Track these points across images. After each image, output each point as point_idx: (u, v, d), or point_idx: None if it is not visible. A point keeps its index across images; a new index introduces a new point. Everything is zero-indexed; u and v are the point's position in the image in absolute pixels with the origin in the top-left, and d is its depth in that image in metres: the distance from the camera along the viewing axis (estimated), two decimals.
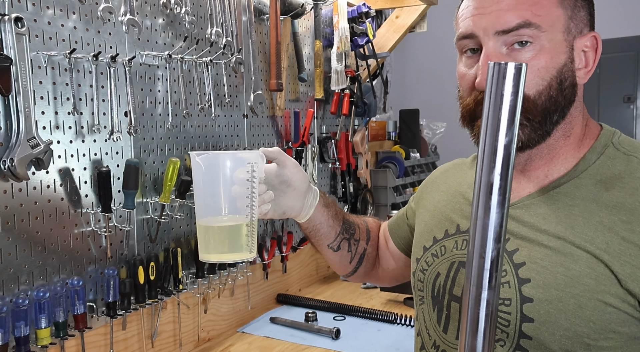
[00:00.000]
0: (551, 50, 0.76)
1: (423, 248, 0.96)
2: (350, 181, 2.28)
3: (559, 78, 0.77)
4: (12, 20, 1.04)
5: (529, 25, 0.75)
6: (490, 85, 0.51)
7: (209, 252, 0.95)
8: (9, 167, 1.05)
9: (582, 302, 0.72)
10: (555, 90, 0.77)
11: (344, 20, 2.06)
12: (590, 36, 0.81)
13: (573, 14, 0.79)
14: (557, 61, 0.77)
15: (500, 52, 0.77)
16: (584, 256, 0.74)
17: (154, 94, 1.42)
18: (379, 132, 2.67)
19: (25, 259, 1.13)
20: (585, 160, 0.81)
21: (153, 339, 1.42)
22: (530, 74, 0.76)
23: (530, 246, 0.78)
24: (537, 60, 0.76)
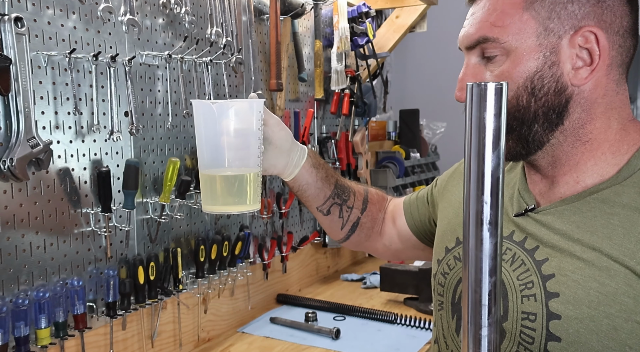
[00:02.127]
0: (516, 59, 0.74)
1: (445, 249, 0.91)
2: (350, 180, 2.28)
3: (530, 86, 0.74)
4: (12, 20, 1.04)
5: (486, 40, 0.76)
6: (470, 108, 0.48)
7: (214, 204, 0.90)
8: (9, 167, 1.05)
9: (617, 324, 0.66)
10: (524, 100, 0.74)
11: (344, 20, 2.06)
12: (584, 31, 0.73)
13: (552, 14, 0.73)
14: (524, 70, 0.74)
15: (478, 63, 0.78)
16: (622, 271, 0.67)
17: (154, 94, 1.42)
18: (379, 132, 2.67)
19: (25, 259, 1.13)
20: (630, 166, 0.74)
21: (153, 339, 1.42)
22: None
23: (561, 256, 0.72)
24: (502, 71, 0.76)
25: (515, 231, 0.80)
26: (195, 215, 1.56)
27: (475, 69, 0.78)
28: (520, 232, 0.79)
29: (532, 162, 0.81)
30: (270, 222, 1.88)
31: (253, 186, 0.89)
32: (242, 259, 1.67)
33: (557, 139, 0.76)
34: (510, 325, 0.74)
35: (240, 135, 0.87)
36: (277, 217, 1.91)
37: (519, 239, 0.79)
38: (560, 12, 0.73)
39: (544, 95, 0.74)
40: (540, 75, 0.74)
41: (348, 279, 2.17)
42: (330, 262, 2.27)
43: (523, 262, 0.76)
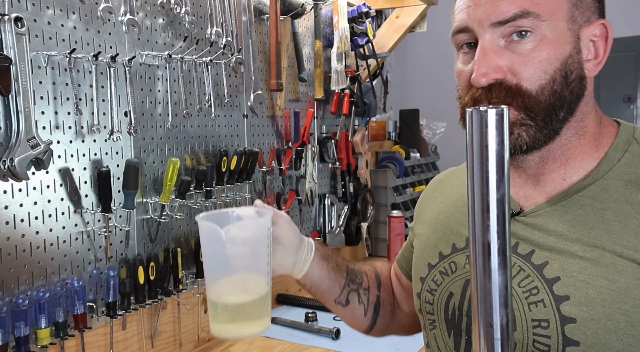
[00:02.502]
0: (554, 41, 0.70)
1: (428, 266, 0.87)
2: (350, 180, 2.28)
3: (564, 71, 0.70)
4: (12, 20, 1.04)
5: (528, 14, 0.69)
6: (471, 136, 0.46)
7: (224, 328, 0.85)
8: (9, 167, 1.05)
9: (634, 320, 0.65)
10: (560, 84, 0.70)
11: (344, 20, 2.06)
12: (598, 24, 0.73)
13: (578, 1, 0.72)
14: (561, 52, 0.70)
15: (497, 44, 0.71)
16: (629, 265, 0.66)
17: (154, 94, 1.42)
18: (379, 132, 2.67)
19: (25, 259, 1.13)
20: (609, 159, 0.73)
21: (153, 339, 1.42)
22: (532, 67, 0.69)
23: (561, 258, 0.70)
24: (539, 52, 0.70)
25: None
26: (195, 215, 1.56)
27: (497, 50, 0.71)
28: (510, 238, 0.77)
29: (520, 162, 0.78)
30: None
31: (265, 305, 0.85)
32: None
33: (562, 130, 0.74)
34: (521, 335, 0.71)
35: (250, 254, 0.82)
36: None
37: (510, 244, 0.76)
38: (583, 1, 0.72)
39: (573, 81, 0.72)
40: (572, 60, 0.71)
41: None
42: None
43: (521, 268, 0.73)
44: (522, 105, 0.70)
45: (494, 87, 0.70)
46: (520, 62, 0.70)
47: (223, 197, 1.62)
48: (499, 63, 0.70)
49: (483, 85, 0.71)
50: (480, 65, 0.70)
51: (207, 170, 1.51)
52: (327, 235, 2.17)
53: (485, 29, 0.71)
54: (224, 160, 1.58)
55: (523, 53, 0.70)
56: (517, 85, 0.70)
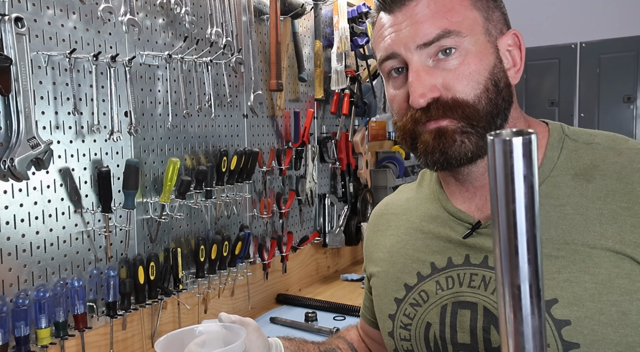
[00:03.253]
0: (478, 53, 0.73)
1: (395, 300, 0.83)
2: (350, 180, 2.28)
3: (493, 80, 0.73)
4: (12, 20, 1.04)
5: (449, 33, 0.72)
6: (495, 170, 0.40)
7: None
8: (9, 167, 1.05)
9: (625, 308, 0.64)
10: (493, 93, 0.73)
11: (344, 20, 2.06)
12: (510, 34, 0.77)
13: (489, 16, 0.75)
14: (486, 63, 0.73)
15: (426, 65, 0.73)
16: (604, 254, 0.66)
17: (154, 94, 1.42)
18: (379, 132, 2.67)
19: (25, 259, 1.13)
20: (548, 158, 0.76)
21: (153, 339, 1.42)
22: (464, 80, 0.72)
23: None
24: (467, 66, 0.72)
25: (470, 254, 0.76)
26: (195, 215, 1.56)
27: (428, 70, 0.73)
28: (476, 253, 0.76)
29: (466, 175, 0.78)
30: (270, 222, 1.88)
31: None
32: (242, 259, 1.68)
33: None
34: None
35: None
36: (277, 217, 1.91)
37: (478, 260, 0.75)
38: (492, 15, 0.76)
39: (503, 89, 0.75)
40: (498, 69, 0.74)
41: (348, 279, 2.17)
42: (330, 262, 2.27)
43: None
44: (462, 116, 0.72)
45: (432, 105, 0.72)
46: (452, 77, 0.72)
47: (223, 197, 1.62)
48: (432, 82, 0.72)
49: (422, 105, 0.72)
50: (416, 87, 0.72)
51: (207, 170, 1.51)
52: (327, 235, 2.17)
53: (412, 51, 0.73)
54: (224, 160, 1.58)
55: (452, 69, 0.72)
56: (453, 99, 0.72)
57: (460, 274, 0.76)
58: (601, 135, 0.77)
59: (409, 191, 0.94)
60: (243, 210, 1.74)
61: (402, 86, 0.76)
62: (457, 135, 0.72)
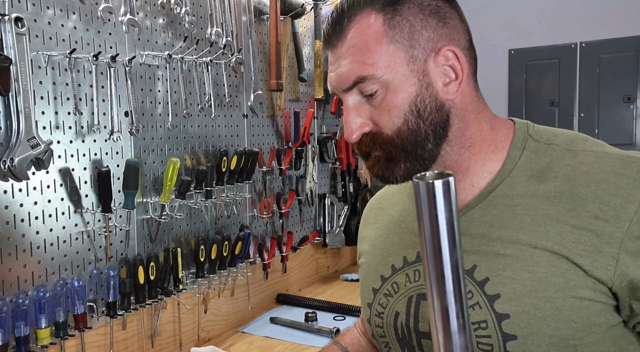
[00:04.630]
0: (397, 88, 0.76)
1: (372, 290, 0.90)
2: (350, 180, 2.28)
3: (415, 110, 0.77)
4: (12, 20, 1.04)
5: (363, 79, 0.76)
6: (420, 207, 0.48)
7: None
8: (9, 167, 1.05)
9: (558, 304, 0.70)
10: (414, 123, 0.77)
11: None
12: (443, 51, 0.77)
13: (412, 43, 0.76)
14: (406, 96, 0.76)
15: (359, 101, 0.78)
16: (543, 254, 0.72)
17: (154, 94, 1.42)
18: None
19: (25, 259, 1.13)
20: (511, 158, 0.80)
21: (153, 339, 1.42)
22: (385, 116, 0.77)
23: (487, 258, 0.75)
24: (386, 103, 0.76)
25: None
26: (195, 215, 1.56)
27: (358, 107, 0.78)
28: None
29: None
30: (270, 222, 1.88)
31: None
32: (242, 259, 1.68)
33: (445, 150, 0.79)
34: None
35: None
36: (277, 217, 1.91)
37: None
38: (419, 38, 0.77)
39: (429, 114, 0.77)
40: (421, 97, 0.77)
41: (348, 279, 2.17)
42: (330, 262, 2.27)
43: None
44: (388, 147, 0.78)
45: (362, 140, 0.79)
46: (376, 114, 0.77)
47: (223, 197, 1.62)
48: (361, 120, 0.78)
49: (354, 141, 0.79)
50: (347, 125, 0.78)
51: (207, 170, 1.51)
52: (327, 235, 2.17)
53: (341, 93, 0.79)
54: (224, 160, 1.58)
55: (377, 106, 0.77)
56: (379, 133, 0.78)
57: (417, 270, 0.83)
58: (562, 136, 0.80)
59: (397, 186, 0.98)
60: (243, 210, 1.74)
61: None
62: (387, 162, 0.79)
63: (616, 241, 0.69)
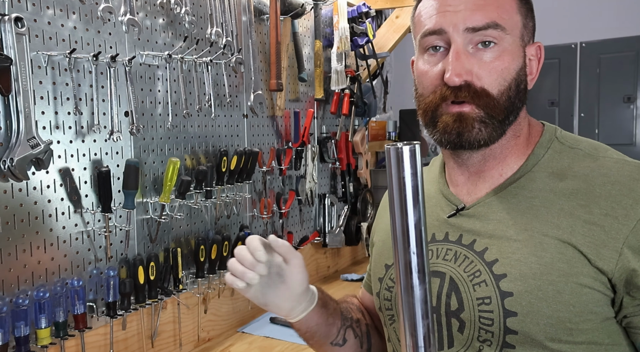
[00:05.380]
0: (511, 53, 0.80)
1: (385, 266, 0.93)
2: (350, 180, 2.28)
3: (517, 80, 0.81)
4: (12, 20, 1.04)
5: (496, 26, 0.78)
6: (390, 170, 0.55)
7: None
8: (9, 167, 1.05)
9: (559, 288, 0.74)
10: (513, 92, 0.81)
11: (344, 20, 2.06)
12: (536, 46, 0.85)
13: (526, 23, 0.83)
14: (516, 64, 0.80)
15: (467, 50, 0.79)
16: (553, 242, 0.76)
17: (154, 94, 1.42)
18: (379, 132, 2.67)
19: (25, 259, 1.13)
20: (535, 155, 0.84)
21: (153, 339, 1.42)
22: (495, 74, 0.79)
23: (499, 242, 0.80)
24: (500, 61, 0.79)
25: (449, 232, 0.86)
26: (195, 215, 1.56)
27: (468, 55, 0.79)
28: (454, 232, 0.86)
29: (466, 159, 0.86)
30: (270, 222, 1.88)
31: None
32: None
33: (507, 133, 0.84)
34: (468, 314, 0.80)
35: None
36: (277, 217, 1.91)
37: (454, 238, 0.85)
38: (529, 24, 0.83)
39: (522, 90, 0.82)
40: (522, 72, 0.82)
41: (348, 279, 2.17)
42: (330, 262, 2.27)
43: (466, 256, 0.82)
44: (485, 105, 0.79)
45: (463, 87, 0.78)
46: (485, 69, 0.79)
47: (223, 197, 1.62)
48: (468, 67, 0.78)
49: (456, 84, 0.78)
50: (455, 66, 0.78)
51: (207, 170, 1.51)
52: (327, 235, 2.17)
53: (459, 33, 0.79)
54: (224, 160, 1.58)
55: (487, 61, 0.79)
56: (482, 88, 0.79)
57: (439, 248, 0.86)
58: (586, 143, 0.85)
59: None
60: (243, 210, 1.74)
61: (437, 63, 0.81)
62: (476, 122, 0.79)
63: (622, 236, 0.73)
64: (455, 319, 0.81)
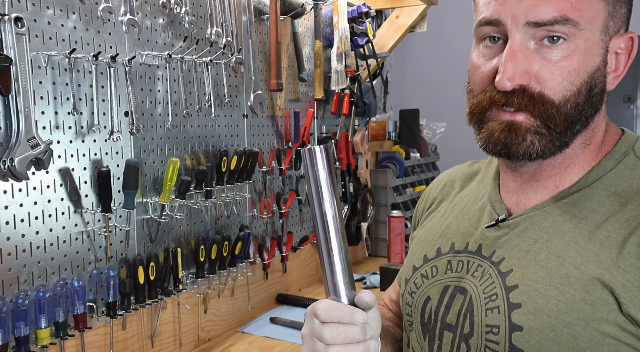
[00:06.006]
0: (585, 52, 0.66)
1: (413, 268, 0.86)
2: (350, 180, 2.28)
3: (590, 84, 0.68)
4: (12, 20, 1.04)
5: (567, 21, 0.64)
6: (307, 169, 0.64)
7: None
8: (9, 167, 1.05)
9: (576, 332, 0.64)
10: (583, 97, 0.68)
11: (344, 20, 2.06)
12: (627, 37, 0.70)
13: (614, 10, 0.68)
14: (590, 64, 0.67)
15: (527, 46, 0.67)
16: (582, 276, 0.65)
17: (154, 94, 1.42)
18: (379, 132, 2.67)
19: (25, 259, 1.13)
20: (600, 167, 0.72)
21: (153, 339, 1.42)
22: (560, 77, 0.66)
23: (526, 265, 0.70)
24: (569, 61, 0.66)
25: (483, 244, 0.77)
26: (195, 215, 1.56)
27: (527, 53, 0.66)
28: (488, 246, 0.77)
29: (519, 166, 0.76)
30: (270, 222, 1.88)
31: None
32: (242, 259, 1.67)
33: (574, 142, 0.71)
34: (476, 341, 0.72)
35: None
36: (277, 217, 1.91)
37: (487, 253, 0.76)
38: (618, 11, 0.68)
39: (595, 95, 0.69)
40: (599, 73, 0.68)
41: None
42: None
43: (490, 275, 0.73)
44: (542, 114, 0.67)
45: (517, 92, 0.67)
46: (549, 69, 0.66)
47: (223, 197, 1.62)
48: (526, 68, 0.67)
49: (507, 89, 0.67)
50: (507, 68, 0.66)
51: (207, 170, 1.51)
52: None
53: (518, 26, 0.66)
54: (224, 160, 1.58)
55: (553, 61, 0.66)
56: (540, 93, 0.67)
57: (470, 261, 0.77)
58: None
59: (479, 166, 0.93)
60: (243, 210, 1.74)
61: (493, 58, 0.70)
62: (529, 134, 0.68)
63: None
64: (464, 344, 0.73)
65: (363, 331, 0.64)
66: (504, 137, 0.69)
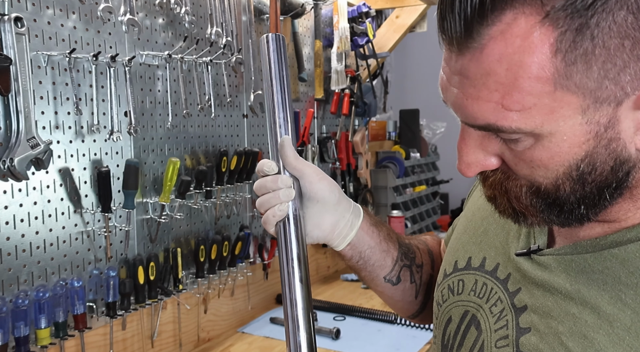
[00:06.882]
0: (552, 146, 0.51)
1: (444, 273, 0.76)
2: (350, 180, 2.28)
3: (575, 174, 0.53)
4: (12, 20, 1.04)
5: (498, 130, 0.51)
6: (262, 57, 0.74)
7: None
8: (9, 167, 1.05)
9: None
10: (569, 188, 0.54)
11: (344, 20, 2.06)
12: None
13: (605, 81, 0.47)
14: (565, 158, 0.52)
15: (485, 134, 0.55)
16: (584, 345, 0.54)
17: (154, 94, 1.42)
18: (379, 132, 2.66)
19: (25, 259, 1.13)
20: None
21: (153, 339, 1.42)
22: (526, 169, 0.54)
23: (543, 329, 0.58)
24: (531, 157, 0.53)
25: (512, 275, 0.65)
26: (195, 215, 1.56)
27: (482, 139, 0.55)
28: (516, 279, 0.64)
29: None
30: None
31: None
32: (242, 259, 1.67)
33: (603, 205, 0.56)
34: None
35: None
36: None
37: (513, 287, 0.64)
38: (618, 74, 0.47)
39: (598, 176, 0.53)
40: (592, 159, 0.51)
41: (348, 279, 2.16)
42: (330, 262, 2.27)
43: (507, 321, 0.63)
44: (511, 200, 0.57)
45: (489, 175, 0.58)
46: (513, 158, 0.54)
47: (223, 197, 1.62)
48: (485, 157, 0.56)
49: (469, 176, 0.57)
50: (462, 154, 0.56)
51: (207, 170, 1.51)
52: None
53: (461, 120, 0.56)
54: (224, 160, 1.58)
55: (518, 155, 0.53)
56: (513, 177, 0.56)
57: (494, 289, 0.66)
58: None
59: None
60: (243, 210, 1.74)
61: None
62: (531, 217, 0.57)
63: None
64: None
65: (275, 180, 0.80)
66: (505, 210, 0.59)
